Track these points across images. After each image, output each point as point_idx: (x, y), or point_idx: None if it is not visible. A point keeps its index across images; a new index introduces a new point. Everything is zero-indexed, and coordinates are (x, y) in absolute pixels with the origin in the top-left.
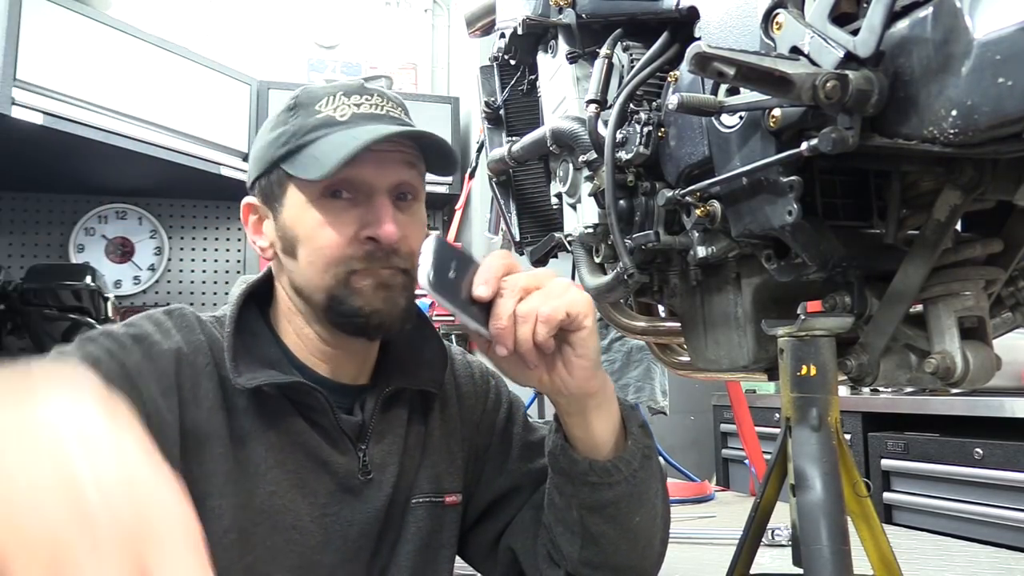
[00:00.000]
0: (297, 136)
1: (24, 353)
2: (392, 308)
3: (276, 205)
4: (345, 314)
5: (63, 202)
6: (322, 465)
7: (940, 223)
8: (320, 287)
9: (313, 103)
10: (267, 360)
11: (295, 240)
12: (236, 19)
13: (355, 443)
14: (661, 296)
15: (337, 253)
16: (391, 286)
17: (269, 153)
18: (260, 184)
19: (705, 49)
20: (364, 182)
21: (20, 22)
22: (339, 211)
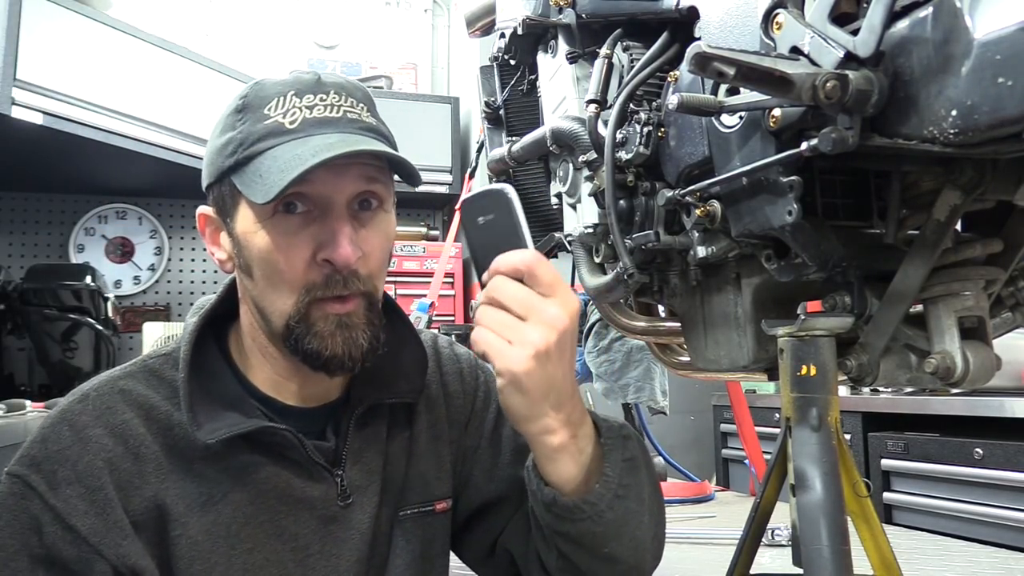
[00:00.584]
0: (244, 146)
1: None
2: (352, 349)
3: (228, 219)
4: (303, 352)
5: (63, 202)
6: (297, 503)
7: (940, 223)
8: (280, 312)
9: (262, 105)
10: (227, 401)
11: (250, 260)
12: (236, 19)
13: (330, 469)
14: (661, 296)
15: (294, 279)
16: (351, 325)
17: (218, 162)
18: (213, 193)
19: (705, 49)
20: (320, 195)
21: (20, 22)
22: (293, 231)
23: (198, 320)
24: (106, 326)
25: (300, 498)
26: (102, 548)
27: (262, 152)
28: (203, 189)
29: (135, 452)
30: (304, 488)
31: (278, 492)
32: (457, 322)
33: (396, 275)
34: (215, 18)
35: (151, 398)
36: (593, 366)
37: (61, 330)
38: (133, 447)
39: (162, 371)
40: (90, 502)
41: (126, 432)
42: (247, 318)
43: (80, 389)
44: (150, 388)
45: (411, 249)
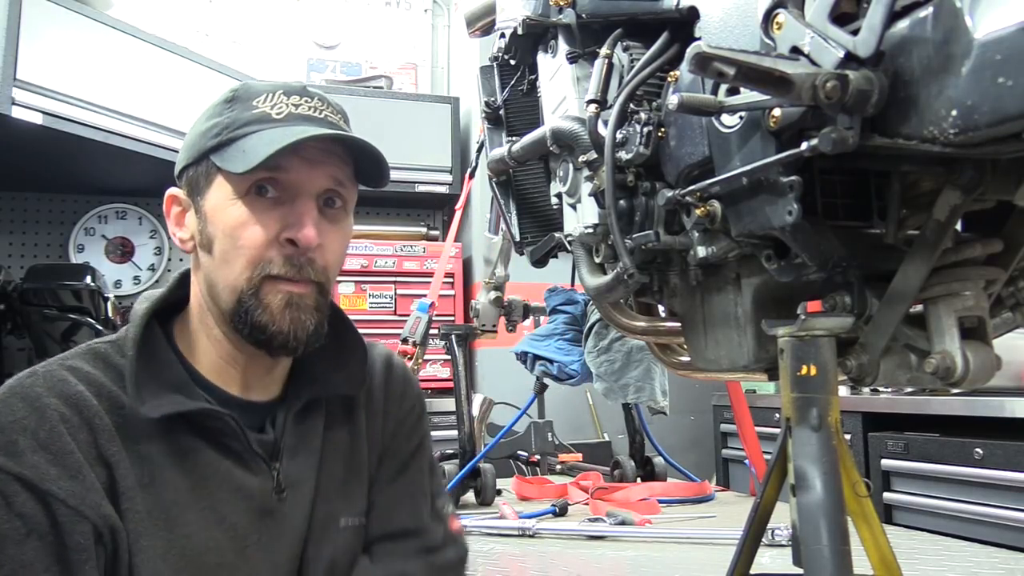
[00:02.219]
0: (230, 129)
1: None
2: (299, 330)
3: (199, 197)
4: (250, 325)
5: (63, 202)
6: (236, 492)
7: (940, 223)
8: (232, 287)
9: (251, 98)
10: (172, 384)
11: (213, 235)
12: (236, 19)
13: (268, 462)
14: (661, 296)
15: (256, 253)
16: (300, 306)
17: (200, 143)
18: (188, 174)
19: (705, 49)
20: (291, 183)
21: (20, 22)
22: (263, 209)
23: (149, 306)
24: (106, 326)
25: (238, 487)
26: (84, 509)
27: (248, 135)
28: (176, 173)
29: (89, 423)
30: (243, 478)
31: (218, 479)
32: (457, 322)
33: (396, 275)
34: (215, 18)
35: (99, 378)
36: (593, 366)
37: (61, 330)
38: (87, 417)
39: (108, 355)
40: (62, 466)
41: (80, 402)
42: (196, 300)
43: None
44: (97, 369)
45: (411, 249)
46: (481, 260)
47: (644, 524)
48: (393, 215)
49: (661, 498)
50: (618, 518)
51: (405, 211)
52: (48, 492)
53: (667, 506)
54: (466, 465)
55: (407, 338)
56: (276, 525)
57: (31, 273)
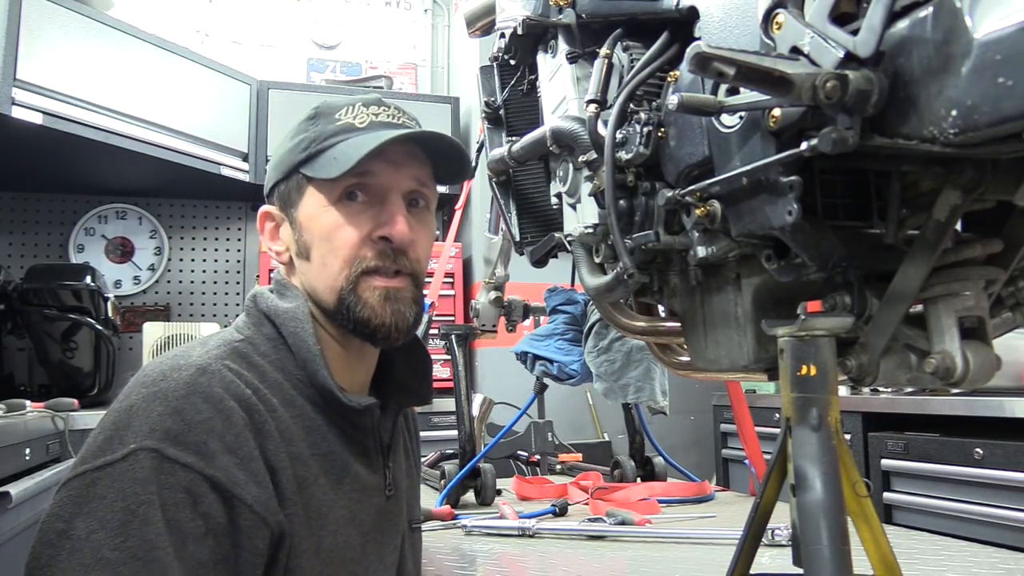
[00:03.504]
0: (317, 141)
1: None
2: (399, 320)
3: (293, 210)
4: (354, 321)
5: (63, 202)
6: (363, 490)
7: (940, 223)
8: (332, 287)
9: (333, 112)
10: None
11: (310, 242)
12: (236, 19)
13: (384, 461)
14: (661, 296)
15: (351, 252)
16: (399, 298)
17: (289, 159)
18: (279, 190)
19: (705, 49)
20: (380, 186)
21: (20, 22)
22: (355, 212)
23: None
24: (106, 326)
25: (365, 485)
26: (267, 516)
27: (336, 144)
28: (265, 193)
29: (260, 428)
30: (368, 477)
31: (351, 478)
32: (457, 322)
33: None
34: (215, 18)
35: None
36: (593, 366)
37: (61, 330)
38: (258, 422)
39: (249, 356)
40: (248, 472)
41: (252, 407)
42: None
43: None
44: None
45: None
46: (481, 260)
47: (644, 524)
48: None
49: (661, 498)
50: (618, 518)
51: None
52: (237, 496)
53: (667, 506)
54: (466, 465)
55: None
56: (386, 522)
57: (31, 273)
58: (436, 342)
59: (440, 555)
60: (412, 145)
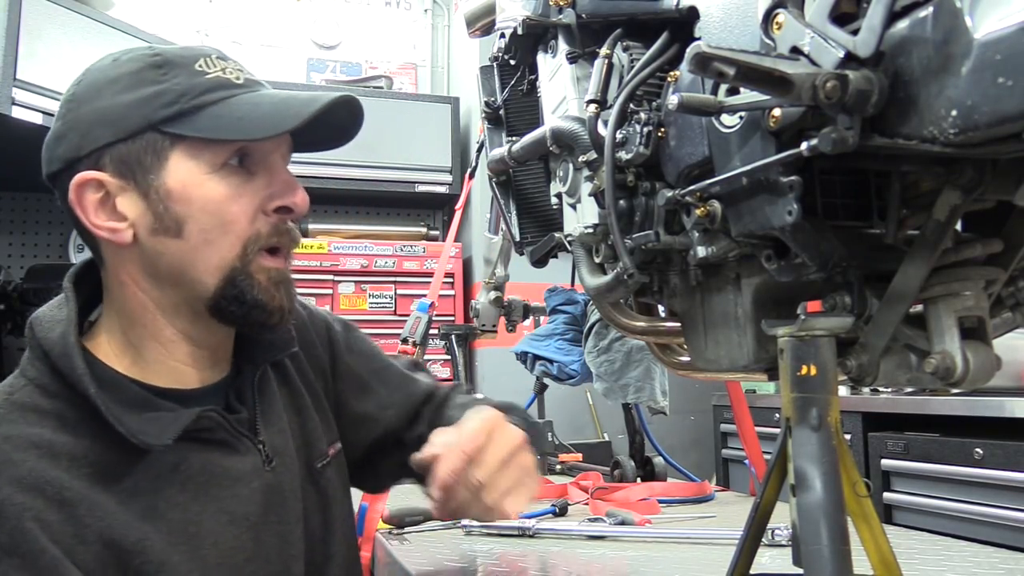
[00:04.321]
0: (190, 96)
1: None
2: (289, 303)
3: (148, 176)
4: (247, 304)
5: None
6: (235, 482)
7: (940, 223)
8: (219, 267)
9: (189, 64)
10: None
11: (184, 215)
12: (236, 19)
13: (253, 439)
14: (661, 296)
15: (243, 229)
16: (285, 281)
17: (138, 114)
18: (115, 152)
19: (705, 49)
20: (265, 150)
21: (20, 22)
22: (243, 181)
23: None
24: None
25: (236, 477)
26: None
27: (218, 101)
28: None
29: (57, 500)
30: (235, 465)
31: (216, 478)
32: (457, 322)
33: (396, 275)
34: (215, 18)
35: (43, 435)
36: (593, 366)
37: None
38: (52, 495)
39: (36, 404)
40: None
41: (37, 481)
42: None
43: None
44: (33, 426)
45: (411, 249)
46: (481, 260)
47: (644, 524)
48: (393, 215)
49: (661, 498)
50: (618, 518)
51: (405, 211)
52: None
53: (667, 506)
54: None
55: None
56: (276, 496)
57: (31, 273)
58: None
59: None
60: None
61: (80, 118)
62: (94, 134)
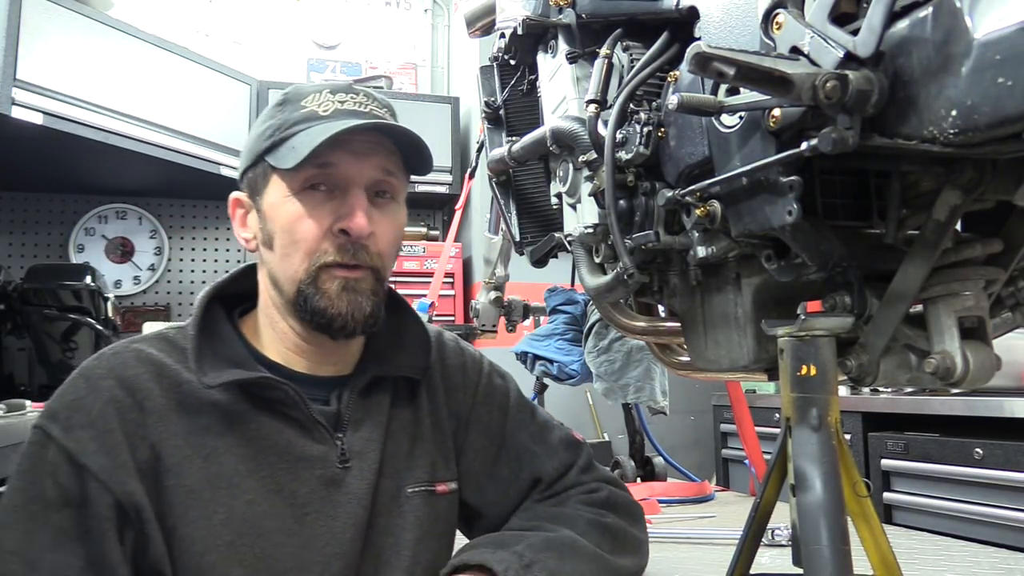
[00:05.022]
0: (281, 129)
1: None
2: (356, 311)
3: (258, 198)
4: (311, 311)
5: (63, 202)
6: (298, 461)
7: (940, 223)
8: (292, 279)
9: (300, 99)
10: (233, 360)
11: (273, 231)
12: (236, 19)
13: (331, 432)
14: (661, 296)
15: (312, 245)
16: (357, 290)
17: (256, 147)
18: (248, 177)
19: (705, 49)
20: (342, 176)
21: (20, 22)
22: (316, 204)
23: (210, 290)
24: (106, 326)
25: (300, 456)
26: (111, 484)
27: (296, 132)
28: (238, 177)
29: (140, 404)
30: (304, 447)
31: (279, 448)
32: (457, 322)
33: (396, 275)
34: (215, 18)
35: (161, 358)
36: (593, 366)
37: (61, 330)
38: (139, 399)
39: (175, 339)
40: (100, 443)
41: (134, 384)
42: (264, 296)
43: (98, 353)
44: (162, 351)
45: (411, 249)
46: (481, 260)
47: None
48: None
49: (661, 498)
50: None
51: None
52: (84, 466)
53: (667, 506)
54: None
55: None
56: (339, 493)
57: (31, 273)
58: None
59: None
60: (379, 135)
61: (244, 147)
62: (242, 160)
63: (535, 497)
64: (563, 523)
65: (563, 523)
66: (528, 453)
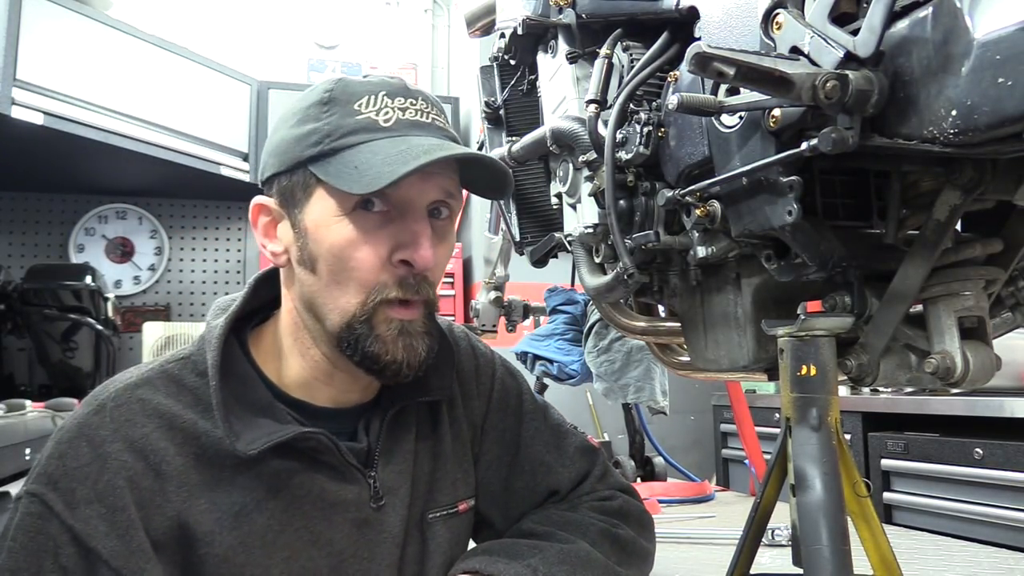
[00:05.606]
0: (333, 137)
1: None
2: (411, 357)
3: (296, 209)
4: (362, 354)
5: (63, 202)
6: (331, 507)
7: (940, 223)
8: (342, 312)
9: (352, 101)
10: (259, 407)
11: (317, 253)
12: (236, 19)
13: (363, 471)
14: (661, 296)
15: (370, 277)
16: (412, 333)
17: (296, 150)
18: (279, 183)
19: (705, 49)
20: (403, 197)
21: (20, 22)
22: (373, 227)
23: (225, 323)
24: (106, 326)
25: (334, 502)
26: (124, 572)
27: (355, 145)
28: (261, 179)
29: (156, 469)
30: (338, 492)
31: (312, 497)
32: (457, 322)
33: None
34: (215, 18)
35: (172, 407)
36: (593, 366)
37: (61, 330)
38: (154, 463)
39: (182, 377)
40: (111, 523)
41: (146, 447)
42: (290, 316)
43: (96, 398)
44: (170, 397)
45: None
46: (481, 260)
47: None
48: None
49: (661, 498)
50: None
51: None
52: (92, 550)
53: (667, 506)
54: None
55: None
56: (373, 533)
57: (31, 273)
58: None
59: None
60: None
61: (269, 146)
62: (270, 163)
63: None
64: (575, 530)
65: (575, 530)
66: (544, 466)
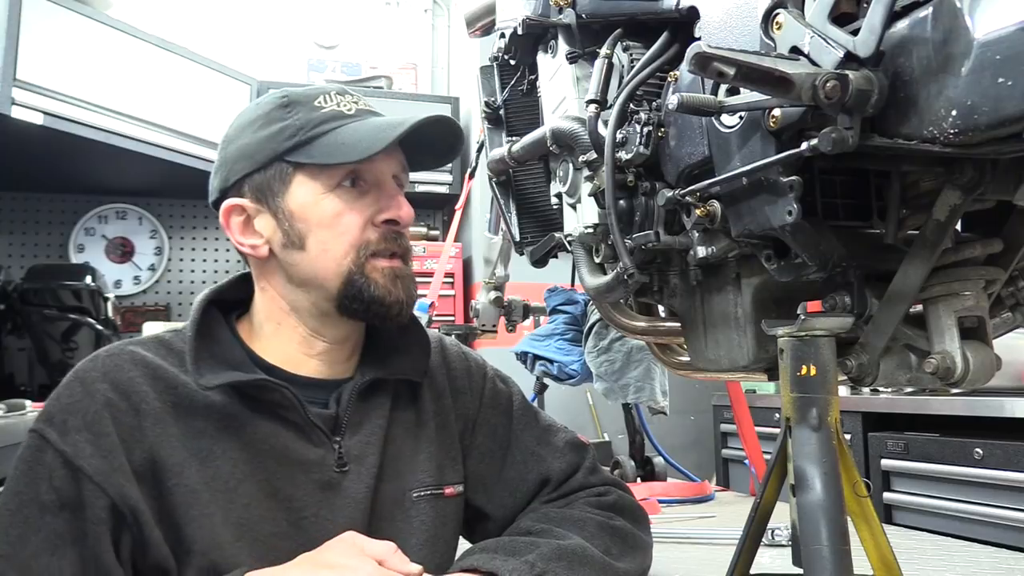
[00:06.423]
0: (306, 128)
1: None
2: (407, 296)
3: (277, 199)
4: (367, 301)
5: (63, 202)
6: (295, 465)
7: (940, 223)
8: (337, 271)
9: (310, 100)
10: (231, 363)
11: (305, 230)
12: (236, 19)
13: (329, 435)
14: (661, 296)
15: (354, 238)
16: (403, 276)
17: (269, 147)
18: (252, 181)
19: (705, 49)
20: (377, 171)
21: (20, 22)
22: (354, 199)
23: (207, 293)
24: (106, 326)
25: (296, 460)
26: (106, 487)
27: (331, 130)
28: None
29: (136, 408)
30: (302, 451)
31: (275, 452)
32: (457, 322)
33: None
34: (215, 18)
35: (157, 361)
36: (593, 366)
37: (61, 330)
38: (135, 403)
39: (171, 342)
40: (96, 446)
41: (130, 388)
42: (273, 303)
43: (94, 353)
44: (157, 354)
45: None
46: (481, 260)
47: None
48: None
49: (661, 498)
50: None
51: None
52: (80, 468)
53: (667, 506)
54: None
55: None
56: (336, 497)
57: (31, 273)
58: None
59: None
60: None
61: (228, 155)
62: (237, 167)
63: (543, 498)
64: (572, 526)
65: (572, 526)
66: (534, 456)
